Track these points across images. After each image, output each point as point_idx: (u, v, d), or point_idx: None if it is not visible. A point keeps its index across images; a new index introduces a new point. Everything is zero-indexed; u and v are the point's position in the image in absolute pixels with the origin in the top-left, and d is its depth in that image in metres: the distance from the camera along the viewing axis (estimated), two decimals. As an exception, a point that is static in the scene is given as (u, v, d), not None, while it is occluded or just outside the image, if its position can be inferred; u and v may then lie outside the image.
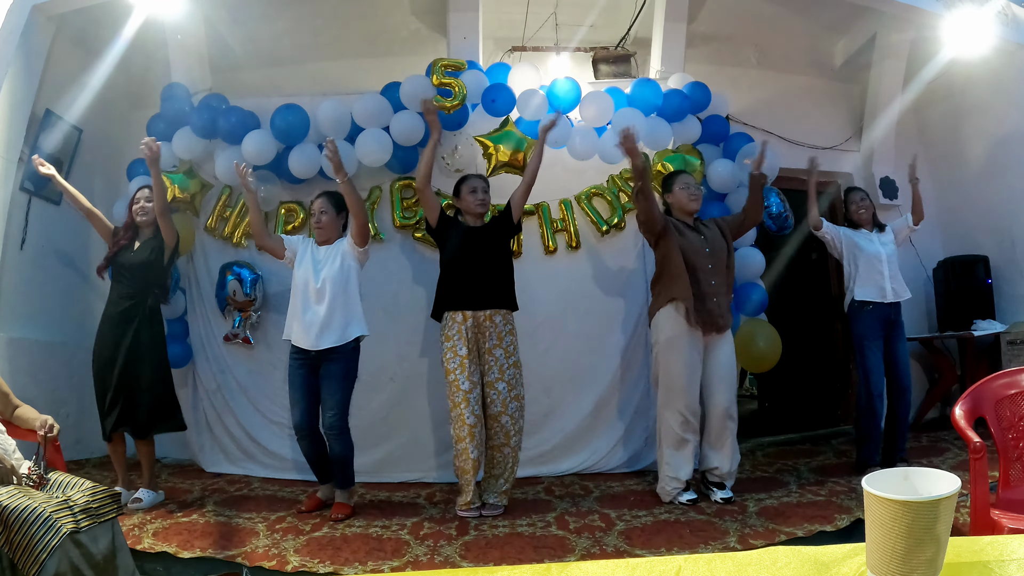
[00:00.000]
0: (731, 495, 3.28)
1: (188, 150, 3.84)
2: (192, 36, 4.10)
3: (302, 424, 3.17)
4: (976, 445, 1.91)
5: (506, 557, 2.64)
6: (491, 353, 3.23)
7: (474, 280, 3.26)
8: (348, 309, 3.20)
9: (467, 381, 3.18)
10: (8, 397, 2.32)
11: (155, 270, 3.37)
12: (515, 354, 3.31)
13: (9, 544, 1.75)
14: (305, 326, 3.18)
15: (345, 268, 3.21)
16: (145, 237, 3.40)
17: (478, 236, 3.33)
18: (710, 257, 3.36)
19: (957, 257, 4.81)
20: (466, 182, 3.42)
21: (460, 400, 3.18)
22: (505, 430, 3.24)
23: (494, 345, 3.23)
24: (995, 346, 4.41)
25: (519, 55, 4.86)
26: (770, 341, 3.98)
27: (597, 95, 3.90)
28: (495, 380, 3.24)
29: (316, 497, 3.31)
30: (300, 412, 3.17)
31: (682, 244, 3.33)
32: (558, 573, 0.95)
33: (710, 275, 3.33)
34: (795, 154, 4.83)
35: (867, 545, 0.86)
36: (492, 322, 3.24)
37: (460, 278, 3.27)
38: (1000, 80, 4.43)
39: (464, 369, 3.18)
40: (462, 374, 3.18)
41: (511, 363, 3.27)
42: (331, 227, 3.29)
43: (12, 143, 3.60)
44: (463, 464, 3.18)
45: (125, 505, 3.21)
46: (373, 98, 3.76)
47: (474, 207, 3.36)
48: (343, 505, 3.19)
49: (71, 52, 4.03)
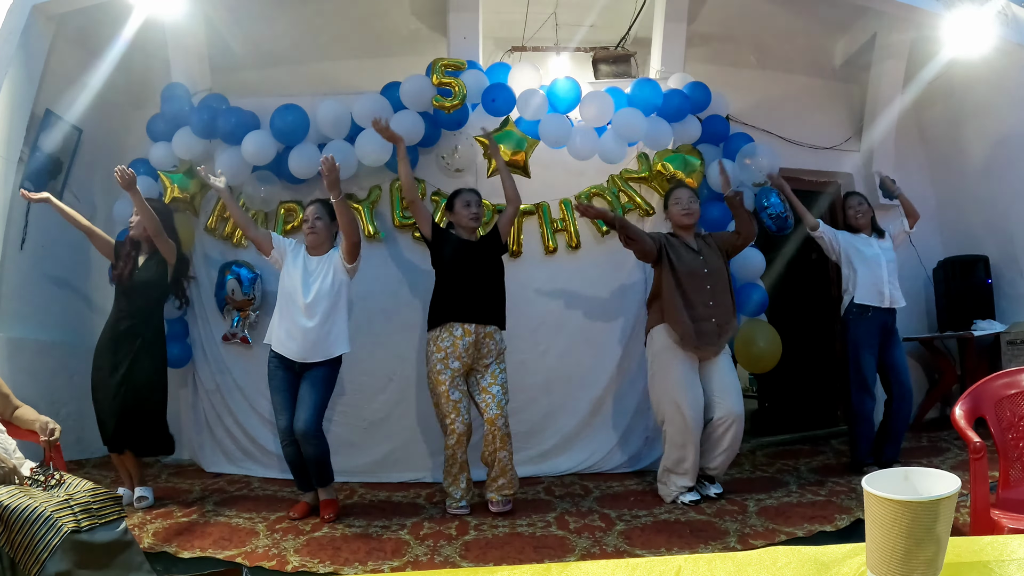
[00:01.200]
0: (721, 489, 3.34)
1: (188, 150, 3.83)
2: (192, 36, 4.09)
3: (287, 430, 3.14)
4: (976, 445, 1.92)
5: (506, 557, 2.64)
6: (486, 367, 3.29)
7: (475, 293, 3.27)
8: (338, 326, 3.19)
9: (457, 391, 3.22)
10: (8, 398, 2.33)
11: (158, 289, 3.37)
12: (503, 362, 3.38)
13: (10, 543, 1.75)
14: (291, 337, 3.15)
15: (336, 283, 3.19)
16: (148, 252, 3.37)
17: (474, 250, 3.35)
18: (708, 277, 3.33)
19: (957, 257, 4.81)
20: (459, 196, 3.42)
21: (450, 410, 3.20)
22: (501, 432, 3.25)
23: (492, 360, 3.30)
24: (995, 346, 4.42)
25: (519, 55, 4.86)
26: (770, 341, 3.98)
27: (597, 95, 3.90)
28: (489, 385, 3.28)
29: (304, 503, 3.25)
30: (285, 419, 3.15)
31: (678, 267, 3.32)
32: (558, 573, 0.95)
33: (707, 296, 3.30)
34: (795, 154, 4.84)
35: (867, 545, 0.86)
36: (493, 339, 3.29)
37: (461, 290, 3.27)
38: (1000, 80, 4.43)
39: (454, 382, 3.22)
40: (452, 385, 3.21)
41: (501, 368, 3.34)
42: (324, 235, 3.26)
43: (12, 143, 3.60)
44: (450, 468, 3.24)
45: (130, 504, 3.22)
46: (373, 98, 3.75)
47: (467, 221, 3.37)
48: (330, 502, 3.19)
49: (71, 52, 4.03)
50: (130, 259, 3.35)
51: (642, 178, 4.03)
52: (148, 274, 3.33)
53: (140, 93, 4.46)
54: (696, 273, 3.33)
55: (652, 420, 3.96)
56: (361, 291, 3.84)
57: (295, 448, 3.14)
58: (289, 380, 3.19)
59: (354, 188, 3.97)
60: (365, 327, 3.81)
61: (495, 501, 3.24)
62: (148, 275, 3.32)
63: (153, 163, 3.94)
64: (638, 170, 4.04)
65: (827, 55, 5.18)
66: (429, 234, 3.36)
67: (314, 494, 3.26)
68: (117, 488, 3.28)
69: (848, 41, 5.06)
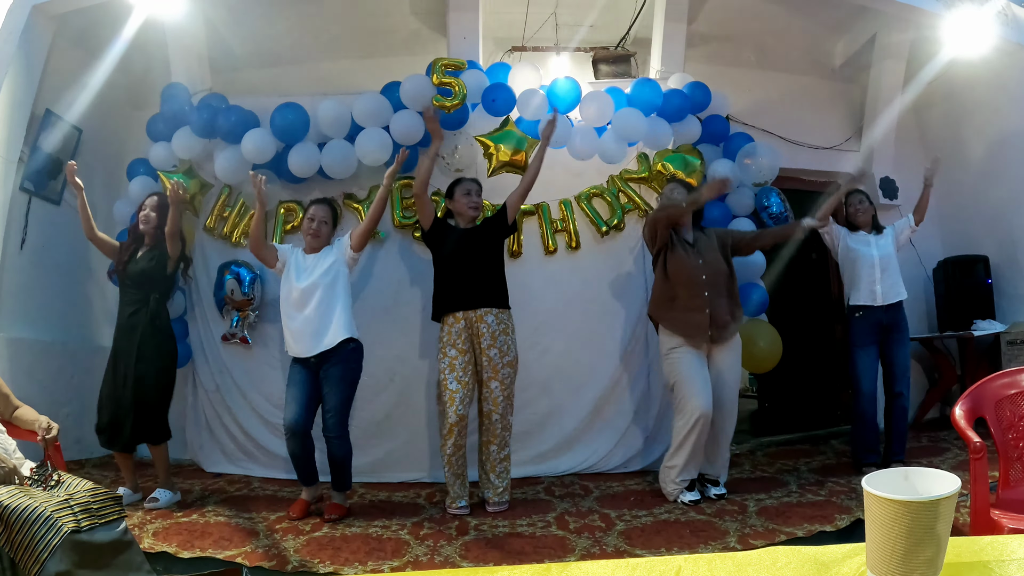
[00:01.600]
0: (724, 491, 3.34)
1: (188, 150, 3.84)
2: (192, 36, 4.09)
3: (293, 423, 3.10)
4: (976, 445, 1.92)
5: (506, 557, 2.64)
6: (485, 354, 3.27)
7: (464, 280, 3.28)
8: (336, 312, 3.18)
9: (455, 381, 3.22)
10: (8, 398, 2.33)
11: (156, 278, 3.39)
12: (510, 353, 3.32)
13: (10, 543, 1.75)
14: (295, 335, 3.20)
15: (333, 271, 3.21)
16: (147, 246, 3.42)
17: (470, 237, 3.37)
18: (703, 270, 3.33)
19: (957, 257, 4.81)
20: (460, 184, 3.44)
21: (447, 399, 3.22)
22: (494, 427, 3.28)
23: (488, 346, 3.26)
24: (995, 346, 4.42)
25: (519, 55, 4.86)
26: (770, 341, 3.98)
27: (597, 95, 3.90)
28: (488, 379, 3.28)
29: (303, 501, 3.23)
30: (293, 411, 3.12)
31: (674, 263, 3.34)
32: (558, 573, 0.95)
33: (702, 287, 3.30)
34: (795, 154, 4.84)
35: (867, 545, 0.86)
36: (484, 322, 3.26)
37: (451, 279, 3.31)
38: (1000, 80, 4.43)
39: (453, 369, 3.22)
40: (451, 373, 3.22)
41: (506, 362, 3.29)
42: (326, 238, 3.33)
43: (12, 143, 3.60)
44: (448, 463, 3.25)
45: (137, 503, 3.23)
46: (373, 98, 3.76)
47: (467, 210, 3.39)
48: (338, 506, 3.18)
49: (71, 52, 4.03)
50: (128, 250, 3.41)
51: (642, 178, 4.03)
52: (144, 263, 3.37)
53: (140, 93, 4.46)
54: (689, 266, 3.32)
55: (652, 420, 3.97)
56: (361, 291, 3.85)
57: (298, 442, 3.13)
58: (304, 376, 3.19)
59: (354, 188, 3.97)
60: (365, 327, 3.79)
61: (491, 502, 3.26)
62: (144, 264, 3.36)
63: (153, 163, 3.94)
64: (638, 170, 4.04)
65: (827, 55, 5.18)
66: (428, 226, 3.38)
67: (313, 489, 3.26)
68: (117, 488, 3.28)
69: (848, 41, 5.06)
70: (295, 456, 3.18)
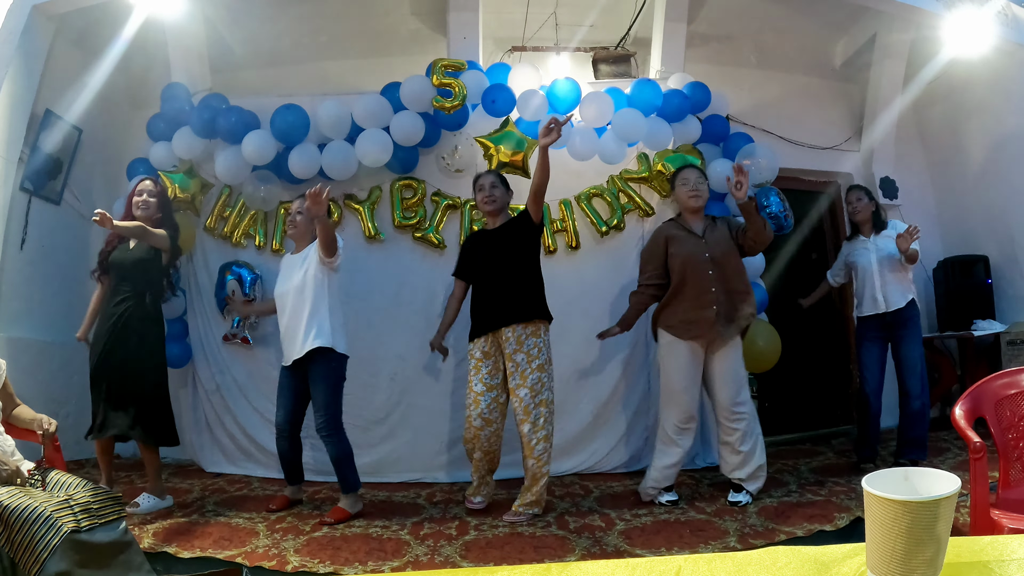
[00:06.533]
0: (743, 499, 3.18)
1: (188, 150, 3.84)
2: (192, 36, 4.09)
3: (281, 424, 3.24)
4: (976, 445, 1.92)
5: (506, 557, 2.64)
6: (511, 359, 3.14)
7: (483, 303, 3.25)
8: (305, 318, 3.08)
9: (480, 383, 3.17)
10: (11, 397, 2.33)
11: (151, 270, 3.25)
12: (540, 356, 3.13)
13: (10, 543, 1.75)
14: (281, 340, 3.25)
15: (310, 277, 3.10)
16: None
17: (491, 242, 3.28)
18: (711, 263, 3.20)
19: (957, 257, 4.80)
20: (476, 181, 3.39)
21: (471, 401, 3.20)
22: (527, 439, 3.11)
23: (514, 351, 3.13)
24: (995, 346, 4.41)
25: (519, 55, 4.86)
26: (770, 341, 3.98)
27: (597, 95, 3.90)
28: (517, 387, 3.12)
29: (284, 497, 3.34)
30: (282, 413, 3.24)
31: (675, 255, 3.24)
32: (558, 573, 0.95)
33: (710, 282, 3.18)
34: (795, 154, 4.84)
35: (867, 545, 0.86)
36: (504, 337, 3.16)
37: (476, 302, 3.28)
38: (1000, 80, 4.42)
39: (479, 371, 3.19)
40: (476, 375, 3.19)
41: (535, 367, 3.11)
42: (303, 228, 3.25)
43: (12, 143, 3.59)
44: (472, 462, 3.27)
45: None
46: (373, 98, 3.76)
47: (482, 205, 3.34)
48: (340, 510, 3.13)
49: (71, 52, 4.02)
50: (115, 240, 3.27)
51: (642, 178, 4.03)
52: (140, 252, 3.23)
53: (140, 93, 4.46)
54: (695, 259, 3.20)
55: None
56: (361, 291, 3.85)
57: (287, 443, 3.25)
58: (290, 379, 3.21)
59: (354, 189, 3.97)
60: (365, 327, 3.81)
61: (514, 511, 3.12)
62: (139, 253, 3.23)
63: (153, 163, 3.94)
64: (638, 170, 4.03)
65: (827, 55, 5.18)
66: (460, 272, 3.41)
67: (297, 488, 3.36)
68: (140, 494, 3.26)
69: (848, 41, 5.05)
70: (282, 455, 3.29)
